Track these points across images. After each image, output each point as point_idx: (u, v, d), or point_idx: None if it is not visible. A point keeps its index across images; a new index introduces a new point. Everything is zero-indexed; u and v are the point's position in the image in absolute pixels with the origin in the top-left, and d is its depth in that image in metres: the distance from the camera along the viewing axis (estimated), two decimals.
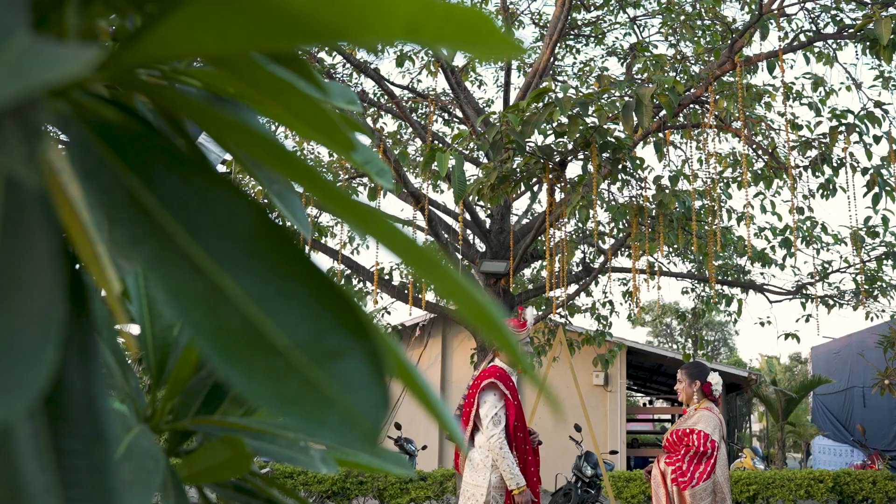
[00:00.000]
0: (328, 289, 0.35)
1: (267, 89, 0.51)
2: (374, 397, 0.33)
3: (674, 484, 5.09)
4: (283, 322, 0.34)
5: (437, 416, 0.39)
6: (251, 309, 0.34)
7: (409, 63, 11.85)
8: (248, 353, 0.33)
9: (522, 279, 13.68)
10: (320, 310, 0.34)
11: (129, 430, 0.67)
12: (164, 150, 0.38)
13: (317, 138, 0.56)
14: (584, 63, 12.57)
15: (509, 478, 4.86)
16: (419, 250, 0.35)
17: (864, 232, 10.24)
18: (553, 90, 6.15)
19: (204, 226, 0.35)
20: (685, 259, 12.87)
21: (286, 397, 0.32)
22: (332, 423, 0.32)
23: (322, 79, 0.90)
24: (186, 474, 0.77)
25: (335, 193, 0.37)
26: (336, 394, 0.33)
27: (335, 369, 0.33)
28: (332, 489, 11.18)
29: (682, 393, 5.41)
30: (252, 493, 0.88)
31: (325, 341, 0.34)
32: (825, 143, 8.29)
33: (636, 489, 11.09)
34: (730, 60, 7.31)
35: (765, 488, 11.21)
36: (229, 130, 0.45)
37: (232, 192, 0.37)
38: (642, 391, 30.26)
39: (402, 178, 8.59)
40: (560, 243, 8.60)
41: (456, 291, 0.35)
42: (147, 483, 0.62)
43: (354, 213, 0.37)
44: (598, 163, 6.73)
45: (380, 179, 0.90)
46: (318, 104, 0.52)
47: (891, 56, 6.51)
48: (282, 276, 0.35)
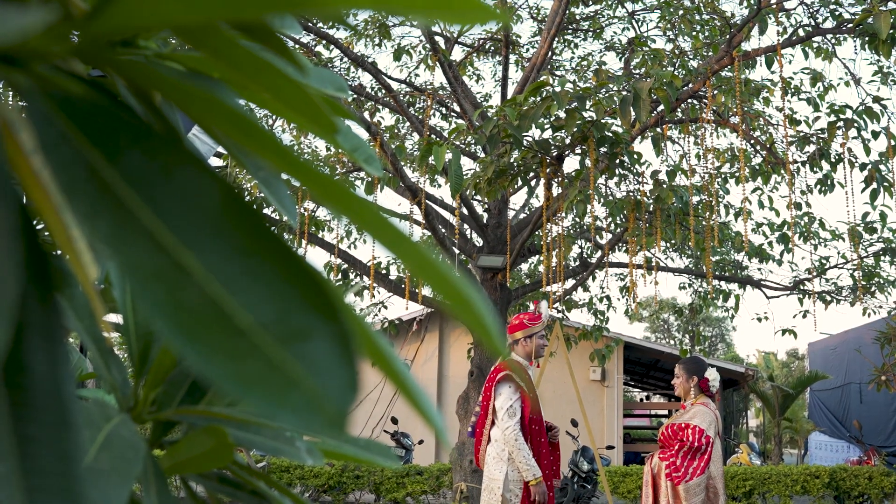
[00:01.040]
0: (296, 268, 0.33)
1: (246, 69, 0.50)
2: (342, 380, 0.32)
3: (668, 479, 5.09)
4: (248, 301, 0.32)
5: (413, 400, 0.37)
6: (214, 287, 0.32)
7: (406, 57, 11.84)
8: (209, 332, 0.31)
9: (519, 274, 13.67)
10: (287, 289, 0.33)
11: (110, 419, 0.66)
12: (129, 126, 0.37)
13: (299, 121, 0.54)
14: (582, 58, 12.54)
15: (525, 469, 4.86)
16: (385, 222, 0.34)
17: (862, 228, 10.23)
18: (550, 84, 6.14)
19: (168, 202, 0.34)
20: (682, 254, 12.86)
21: (248, 379, 0.31)
22: (296, 407, 0.31)
23: (305, 60, 0.89)
24: (169, 465, 0.76)
25: (306, 168, 0.36)
26: (301, 376, 0.31)
27: (301, 350, 0.32)
28: (328, 483, 11.18)
29: (679, 388, 5.41)
30: (237, 484, 0.87)
31: (291, 321, 0.32)
32: (823, 139, 8.27)
33: (632, 484, 11.09)
34: (728, 55, 7.29)
35: (761, 483, 11.21)
36: (207, 109, 0.43)
37: (199, 170, 0.35)
38: (639, 387, 30.28)
39: (399, 173, 8.57)
40: (557, 238, 8.59)
41: (429, 270, 0.34)
42: (125, 472, 0.61)
43: (324, 188, 0.36)
44: (595, 157, 6.71)
45: (369, 167, 0.89)
46: (299, 85, 0.50)
47: (890, 51, 6.49)
48: (247, 254, 0.33)
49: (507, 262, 9.51)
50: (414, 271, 0.34)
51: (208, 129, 0.47)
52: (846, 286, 12.04)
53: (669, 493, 5.09)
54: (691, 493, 4.99)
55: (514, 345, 5.27)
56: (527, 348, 5.22)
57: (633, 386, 29.72)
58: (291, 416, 0.31)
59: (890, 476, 11.22)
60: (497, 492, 4.94)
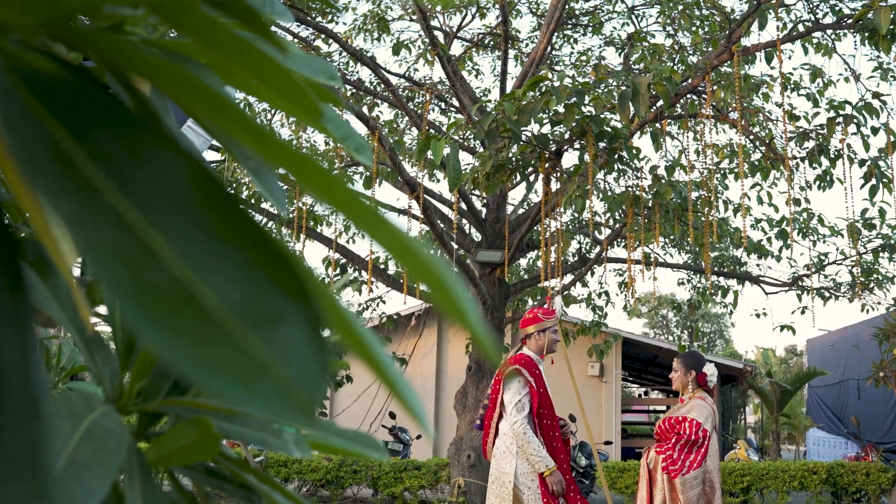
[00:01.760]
0: (268, 249, 0.32)
1: (227, 50, 0.49)
2: (312, 366, 0.30)
3: (664, 472, 5.08)
4: (216, 283, 0.31)
5: (392, 386, 0.36)
6: (181, 269, 0.31)
7: (405, 51, 11.81)
8: (174, 315, 0.30)
9: (518, 269, 13.66)
10: (257, 271, 0.31)
11: (93, 409, 0.65)
12: (100, 105, 0.36)
13: (284, 105, 0.53)
14: (582, 53, 12.52)
15: (537, 460, 4.85)
16: (360, 203, 0.32)
17: (861, 224, 10.22)
18: (549, 79, 6.12)
19: (137, 182, 0.33)
20: (681, 250, 12.85)
21: (213, 364, 0.30)
22: (264, 393, 0.30)
23: (291, 45, 0.87)
24: (154, 457, 0.75)
25: (281, 146, 0.35)
26: (270, 362, 0.30)
27: (270, 335, 0.30)
28: (325, 478, 11.18)
29: (676, 381, 5.41)
30: (225, 477, 0.86)
31: (261, 304, 0.31)
32: (823, 135, 8.26)
33: (630, 479, 11.09)
34: (727, 50, 7.27)
35: (758, 479, 11.21)
36: (184, 88, 0.42)
37: (172, 151, 0.34)
38: (637, 382, 30.29)
39: (397, 167, 8.55)
40: (556, 233, 8.58)
41: (404, 251, 0.32)
42: (107, 464, 0.59)
43: (300, 168, 0.35)
44: (594, 152, 6.70)
45: (359, 156, 0.88)
46: (283, 67, 0.49)
47: (889, 46, 6.48)
48: (218, 236, 0.32)
49: (506, 257, 9.50)
50: (390, 251, 0.32)
51: (188, 110, 0.45)
52: (845, 282, 12.04)
53: (666, 487, 5.08)
54: (688, 486, 4.98)
55: (527, 339, 5.26)
56: (539, 343, 5.21)
57: (631, 381, 29.74)
58: (259, 402, 0.29)
59: (887, 472, 11.22)
60: (508, 485, 4.94)
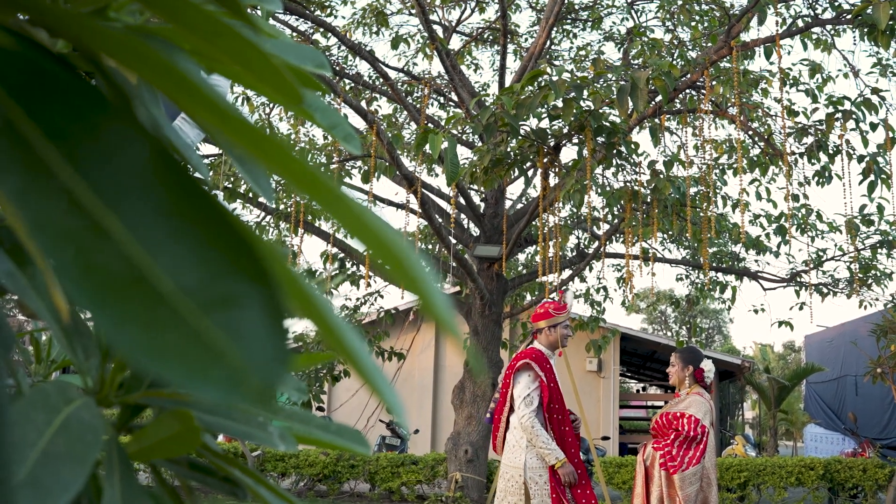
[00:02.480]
0: (228, 230, 0.31)
1: (204, 31, 0.47)
2: (269, 351, 0.29)
3: (662, 468, 5.07)
4: (171, 265, 0.29)
5: (363, 374, 0.35)
6: (134, 249, 0.29)
7: (404, 45, 11.79)
8: (124, 297, 0.29)
9: (516, 264, 13.65)
10: (215, 252, 0.30)
11: (70, 402, 0.64)
12: (60, 83, 0.34)
13: (263, 90, 0.52)
14: (581, 47, 12.50)
15: (546, 453, 4.84)
16: (316, 177, 0.31)
17: (859, 220, 10.20)
18: (548, 73, 6.10)
19: (93, 161, 0.31)
20: (680, 246, 12.84)
21: (164, 349, 0.28)
22: (217, 380, 0.28)
23: (275, 29, 0.86)
24: (135, 450, 0.73)
25: (237, 120, 0.33)
26: (225, 347, 0.29)
27: (226, 319, 0.29)
28: (322, 472, 11.17)
29: (673, 376, 5.40)
30: (209, 470, 0.85)
31: (217, 287, 0.30)
32: (821, 130, 8.24)
33: (627, 475, 11.09)
34: (726, 45, 7.25)
35: (756, 475, 11.21)
36: (152, 68, 0.41)
37: (133, 130, 0.33)
38: (636, 378, 30.31)
39: (395, 161, 8.53)
40: (554, 228, 8.57)
41: (362, 228, 0.31)
42: (82, 457, 0.58)
43: (260, 145, 0.33)
44: (592, 147, 6.68)
45: (347, 144, 0.87)
46: (261, 51, 0.48)
47: (888, 42, 6.46)
48: (175, 216, 0.31)
49: (504, 252, 9.48)
50: (349, 229, 0.31)
51: (172, 96, 0.44)
52: (843, 278, 12.03)
53: (664, 483, 5.07)
54: (686, 482, 4.97)
55: (538, 333, 5.25)
56: (550, 338, 5.19)
57: (629, 377, 29.75)
58: (212, 389, 0.28)
59: (884, 468, 11.22)
60: (518, 479, 4.93)
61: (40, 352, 1.74)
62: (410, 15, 12.34)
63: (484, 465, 10.31)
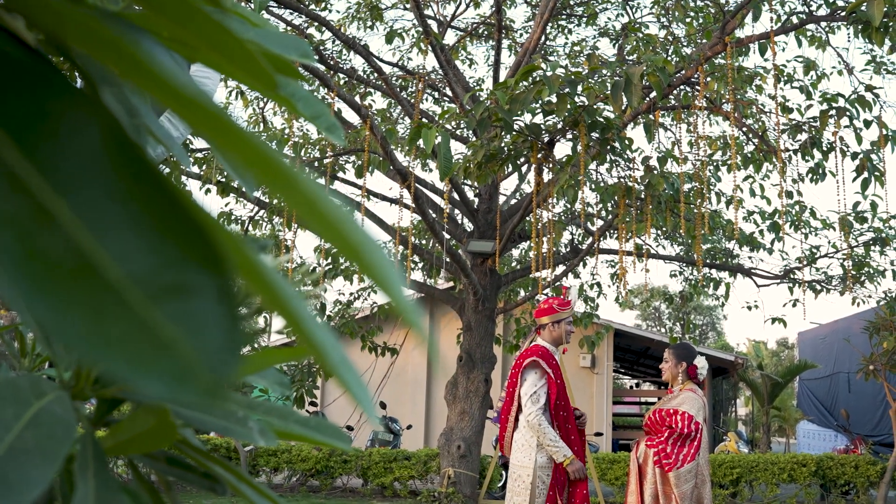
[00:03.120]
0: (183, 217, 0.29)
1: (180, 18, 0.46)
2: (222, 343, 0.27)
3: (657, 466, 5.06)
4: (120, 251, 0.28)
5: (330, 367, 0.33)
6: (81, 234, 0.28)
7: (398, 40, 11.76)
8: (67, 284, 0.27)
9: (510, 259, 13.64)
10: (168, 240, 0.29)
11: (42, 395, 0.62)
12: (10, 62, 0.33)
13: (238, 76, 0.51)
14: (576, 43, 12.48)
15: (554, 451, 4.82)
16: (265, 156, 0.29)
17: (853, 217, 10.21)
18: (542, 68, 6.08)
19: (41, 143, 0.30)
20: (673, 242, 12.85)
21: (109, 339, 0.27)
22: (165, 373, 0.27)
23: (261, 19, 0.84)
24: (111, 445, 0.72)
25: (178, 92, 0.32)
26: (173, 338, 0.27)
27: (176, 309, 0.27)
28: (315, 468, 11.16)
29: (666, 372, 5.39)
30: (188, 466, 0.83)
31: (169, 275, 0.28)
32: (815, 127, 8.24)
33: (620, 471, 11.10)
34: (721, 42, 7.24)
35: (748, 472, 11.23)
36: (107, 49, 0.39)
37: (87, 113, 0.31)
38: (629, 374, 30.35)
39: (389, 156, 8.51)
40: (548, 224, 8.56)
41: (306, 205, 0.29)
42: (52, 452, 0.57)
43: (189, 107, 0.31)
44: (586, 143, 6.66)
45: (330, 135, 0.85)
46: (235, 36, 0.46)
47: (883, 39, 6.45)
48: (128, 201, 0.29)
49: (497, 248, 9.47)
50: (295, 207, 0.29)
51: (122, 74, 0.42)
52: (836, 275, 12.05)
53: (658, 481, 5.06)
54: (682, 479, 4.97)
55: (541, 329, 5.21)
56: (554, 334, 5.15)
57: (622, 373, 29.79)
58: (159, 383, 0.26)
59: (876, 465, 11.25)
60: (527, 479, 4.88)
61: (25, 346, 1.73)
62: (405, 10, 12.32)
63: (476, 461, 10.31)
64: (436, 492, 10.23)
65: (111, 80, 0.59)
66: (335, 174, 11.08)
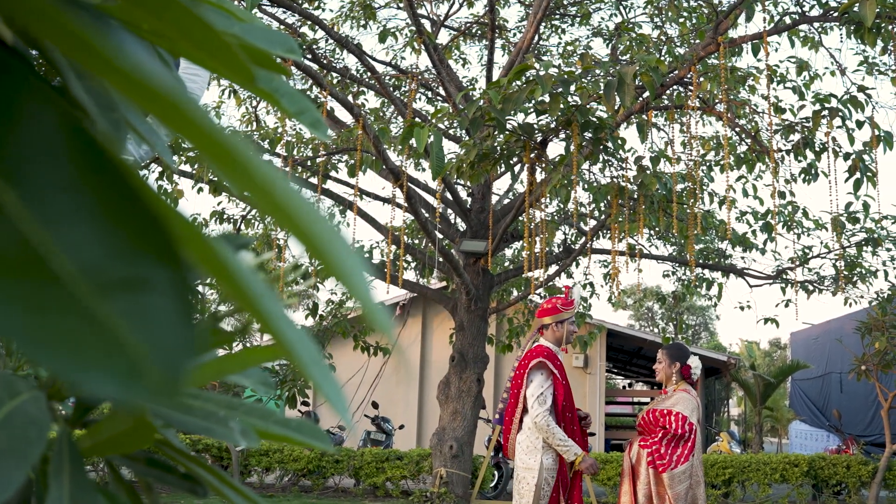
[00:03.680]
0: (139, 207, 0.28)
1: (155, 9, 0.45)
2: (175, 339, 0.26)
3: (650, 466, 5.05)
4: (71, 242, 0.26)
5: (301, 365, 0.32)
6: (28, 224, 0.26)
7: (392, 39, 11.74)
8: (11, 278, 0.25)
9: (503, 259, 13.64)
10: (122, 231, 0.27)
11: (16, 395, 0.60)
12: None
13: (215, 67, 0.50)
14: (569, 43, 12.47)
15: (564, 450, 4.79)
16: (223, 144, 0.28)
17: (845, 217, 10.23)
18: (535, 67, 6.07)
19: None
20: (666, 242, 12.85)
21: (51, 335, 0.25)
22: (113, 371, 0.25)
23: (246, 14, 0.83)
24: (88, 446, 0.70)
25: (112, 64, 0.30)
26: (123, 334, 0.26)
27: (128, 303, 0.26)
28: (307, 468, 11.13)
29: (660, 373, 5.38)
30: (168, 467, 0.82)
31: (120, 268, 0.26)
32: (808, 128, 8.24)
33: (612, 471, 11.09)
34: (714, 42, 7.24)
35: (740, 472, 11.24)
36: (72, 42, 0.38)
37: (43, 100, 0.30)
38: (622, 374, 30.35)
39: (381, 155, 8.49)
40: (540, 224, 8.55)
41: (252, 184, 0.28)
42: (23, 454, 0.55)
43: None
44: (579, 142, 6.66)
45: (314, 131, 0.84)
46: (211, 27, 0.45)
47: (875, 40, 6.46)
48: (81, 191, 0.28)
49: (490, 248, 9.46)
50: (244, 188, 0.28)
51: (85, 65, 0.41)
52: (828, 276, 12.07)
53: (652, 481, 5.05)
54: (676, 480, 4.95)
55: (544, 329, 5.17)
56: (557, 334, 5.11)
57: (615, 373, 29.79)
58: (106, 382, 0.25)
59: (867, 465, 11.26)
60: (531, 481, 4.85)
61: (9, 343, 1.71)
62: (398, 9, 12.30)
63: (469, 461, 10.30)
64: (428, 492, 10.21)
65: (85, 73, 0.58)
66: (328, 173, 11.06)
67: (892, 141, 7.51)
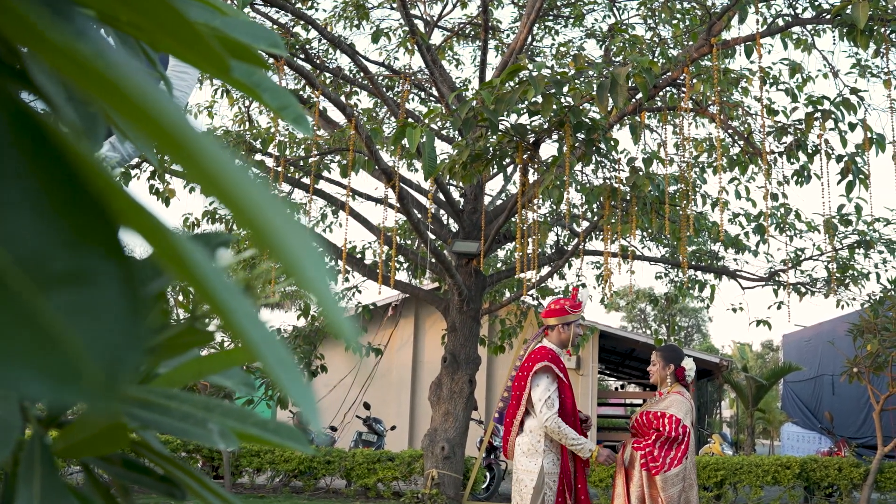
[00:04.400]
0: (89, 197, 0.26)
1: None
2: (118, 337, 0.24)
3: (644, 469, 5.03)
4: (10, 233, 0.24)
5: (265, 364, 0.30)
6: None
7: (385, 40, 11.73)
8: None
9: (495, 260, 13.62)
10: (66, 220, 0.25)
11: None
12: None
13: (188, 57, 0.48)
14: (562, 44, 12.47)
15: (578, 448, 4.79)
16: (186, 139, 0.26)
17: (838, 220, 10.23)
18: (527, 68, 6.06)
19: None
20: (659, 244, 12.86)
21: None
22: (48, 371, 0.23)
23: (229, 8, 0.81)
24: (62, 448, 0.68)
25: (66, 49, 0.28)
26: (61, 330, 0.24)
27: (68, 297, 0.24)
28: (298, 468, 11.10)
29: (654, 375, 5.36)
30: (145, 470, 0.80)
31: (63, 260, 0.25)
32: (801, 130, 8.24)
33: (604, 473, 11.08)
34: (707, 43, 7.24)
35: (732, 474, 11.23)
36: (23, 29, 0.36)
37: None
38: (614, 375, 30.39)
39: (373, 155, 8.47)
40: (533, 225, 8.54)
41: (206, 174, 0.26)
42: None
43: None
44: (572, 143, 6.64)
45: (298, 127, 0.82)
46: (185, 17, 0.43)
47: (867, 42, 6.46)
48: (23, 177, 0.26)
49: (482, 248, 9.44)
50: (200, 181, 0.26)
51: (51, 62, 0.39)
52: (821, 278, 12.08)
53: (645, 484, 5.03)
54: (669, 483, 4.94)
55: (549, 330, 5.14)
56: (562, 336, 5.07)
57: (608, 375, 29.83)
58: (36, 382, 0.23)
59: (859, 467, 11.27)
60: (529, 483, 4.84)
61: None
62: (392, 9, 12.29)
63: (461, 462, 10.28)
64: (420, 493, 10.19)
65: None
66: (320, 173, 11.04)
67: (884, 143, 7.51)
